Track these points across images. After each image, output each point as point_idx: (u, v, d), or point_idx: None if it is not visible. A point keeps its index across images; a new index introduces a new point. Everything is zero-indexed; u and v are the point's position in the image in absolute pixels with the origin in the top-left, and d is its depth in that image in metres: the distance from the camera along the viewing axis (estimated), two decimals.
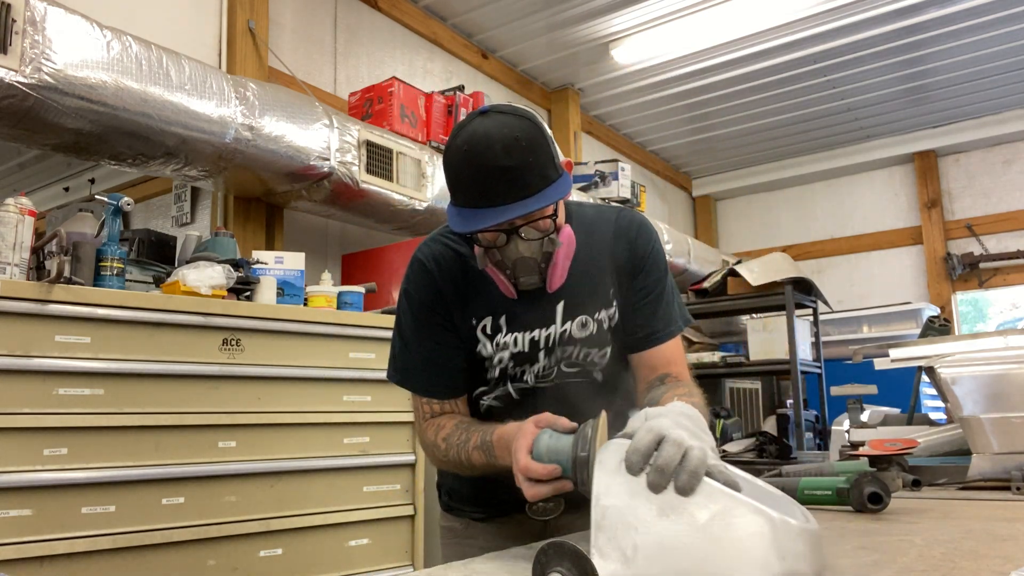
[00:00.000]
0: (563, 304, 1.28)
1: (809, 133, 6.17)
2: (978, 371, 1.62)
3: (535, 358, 1.29)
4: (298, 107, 2.90)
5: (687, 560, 0.73)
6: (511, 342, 1.28)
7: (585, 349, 1.30)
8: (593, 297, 1.30)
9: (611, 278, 1.32)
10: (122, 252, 2.23)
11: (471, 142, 1.10)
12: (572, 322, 1.28)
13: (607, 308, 1.31)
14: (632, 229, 1.34)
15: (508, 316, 1.28)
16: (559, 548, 0.67)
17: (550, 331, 1.28)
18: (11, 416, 1.86)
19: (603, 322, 1.30)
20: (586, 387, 1.32)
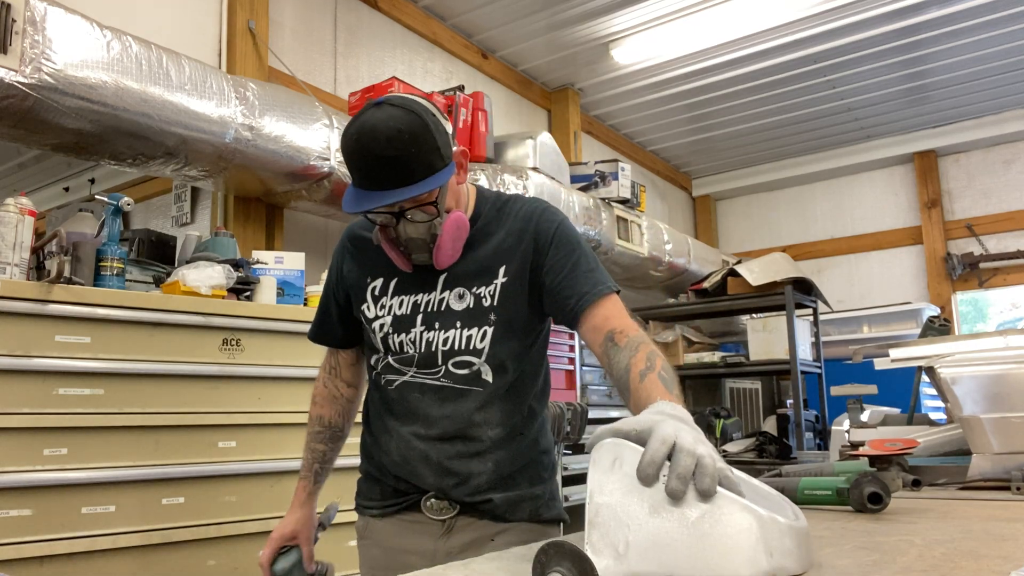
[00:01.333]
0: (445, 276, 1.38)
1: (809, 133, 6.17)
2: (978, 371, 1.62)
3: (413, 322, 1.38)
4: (298, 107, 2.90)
5: (678, 556, 0.75)
6: (395, 304, 1.41)
7: (465, 330, 1.36)
8: (476, 274, 1.38)
9: (510, 257, 1.38)
10: (122, 252, 2.23)
11: (360, 131, 1.22)
12: (450, 292, 1.38)
13: (487, 285, 1.37)
14: (535, 214, 1.41)
15: (397, 282, 1.41)
16: (559, 548, 0.68)
17: (430, 297, 1.38)
18: (11, 416, 1.86)
19: (482, 298, 1.37)
20: (475, 396, 1.37)
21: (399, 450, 1.40)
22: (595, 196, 4.58)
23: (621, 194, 4.68)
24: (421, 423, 1.38)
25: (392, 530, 1.43)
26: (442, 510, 1.38)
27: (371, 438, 1.48)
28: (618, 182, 4.67)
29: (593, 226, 4.38)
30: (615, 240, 4.63)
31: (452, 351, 1.37)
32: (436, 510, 1.38)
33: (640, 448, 0.83)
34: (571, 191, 4.29)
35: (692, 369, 5.14)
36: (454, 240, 1.31)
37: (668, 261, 5.19)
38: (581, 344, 3.98)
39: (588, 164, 4.76)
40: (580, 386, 3.91)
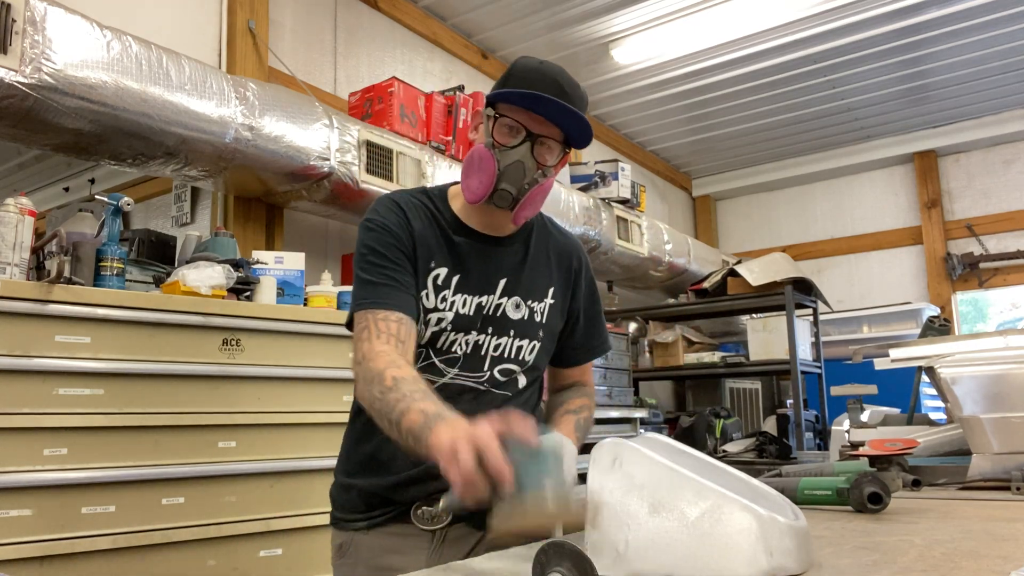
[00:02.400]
0: (505, 281, 1.36)
1: (809, 133, 6.17)
2: (978, 371, 1.62)
3: (475, 324, 1.33)
4: (298, 107, 2.90)
5: (677, 556, 0.75)
6: (459, 303, 1.32)
7: (517, 340, 1.37)
8: (531, 286, 1.39)
9: (556, 281, 1.44)
10: (122, 252, 2.23)
11: (546, 64, 1.29)
12: (508, 299, 1.36)
13: (539, 301, 1.40)
14: (577, 248, 1.50)
15: (461, 276, 1.34)
16: (559, 548, 0.68)
17: (489, 300, 1.35)
18: (11, 416, 1.86)
19: (535, 312, 1.39)
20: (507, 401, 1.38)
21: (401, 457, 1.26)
22: (595, 196, 4.58)
23: (621, 194, 4.68)
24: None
25: (379, 545, 1.32)
26: (434, 519, 1.31)
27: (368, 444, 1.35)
28: (618, 182, 4.67)
29: (593, 226, 4.38)
30: (615, 240, 4.63)
31: (501, 358, 1.36)
32: (427, 519, 1.31)
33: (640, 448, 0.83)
34: (571, 191, 4.29)
35: (692, 369, 5.14)
36: (538, 201, 1.33)
37: (668, 261, 5.19)
38: None
39: (588, 164, 4.76)
40: None
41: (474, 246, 1.36)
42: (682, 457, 0.91)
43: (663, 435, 0.98)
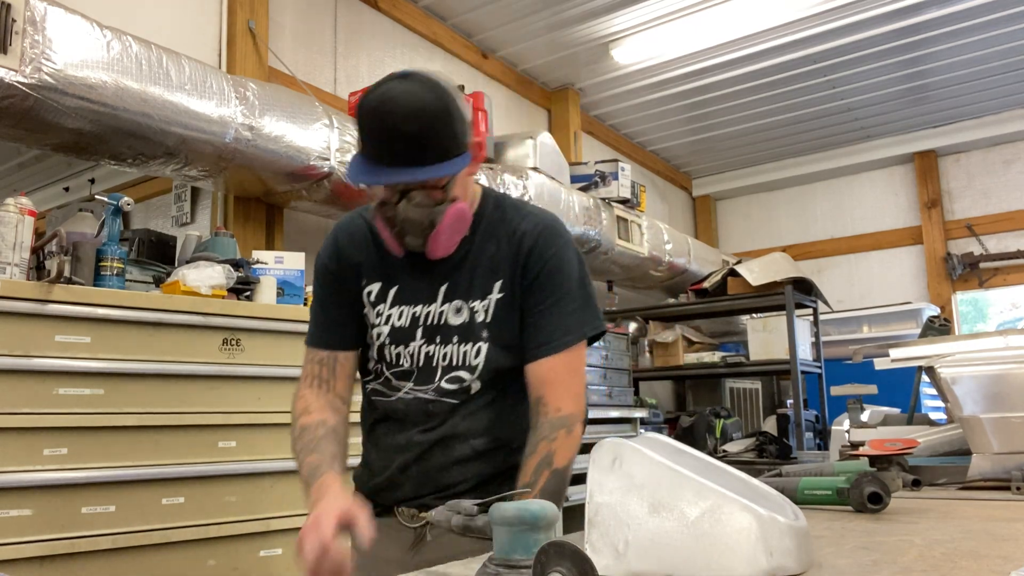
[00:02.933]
0: (446, 286, 1.34)
1: (809, 133, 6.17)
2: (978, 371, 1.62)
3: (412, 335, 1.34)
4: (298, 107, 2.90)
5: (677, 555, 0.75)
6: (394, 315, 1.35)
7: (462, 345, 1.33)
8: (472, 286, 1.34)
9: (505, 272, 1.33)
10: (122, 252, 2.23)
11: (381, 101, 1.17)
12: (449, 305, 1.33)
13: (482, 299, 1.33)
14: (536, 232, 1.35)
15: (398, 289, 1.35)
16: (559, 548, 0.68)
17: (430, 309, 1.33)
18: (11, 416, 1.86)
19: (476, 312, 1.33)
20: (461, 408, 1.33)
21: (379, 460, 1.38)
22: (595, 196, 4.58)
23: (621, 194, 4.68)
24: (405, 435, 1.35)
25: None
26: (413, 517, 1.36)
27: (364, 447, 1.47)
28: (618, 182, 4.67)
29: (593, 226, 4.38)
30: (615, 240, 4.63)
31: (450, 366, 1.34)
32: (408, 517, 1.37)
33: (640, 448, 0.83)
34: (571, 191, 4.29)
35: (692, 369, 5.14)
36: (452, 232, 1.26)
37: (668, 261, 5.19)
38: None
39: (588, 164, 4.76)
40: None
41: (409, 258, 1.32)
42: (682, 457, 0.91)
43: (663, 435, 0.98)
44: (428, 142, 1.17)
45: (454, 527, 0.92)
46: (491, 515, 0.77)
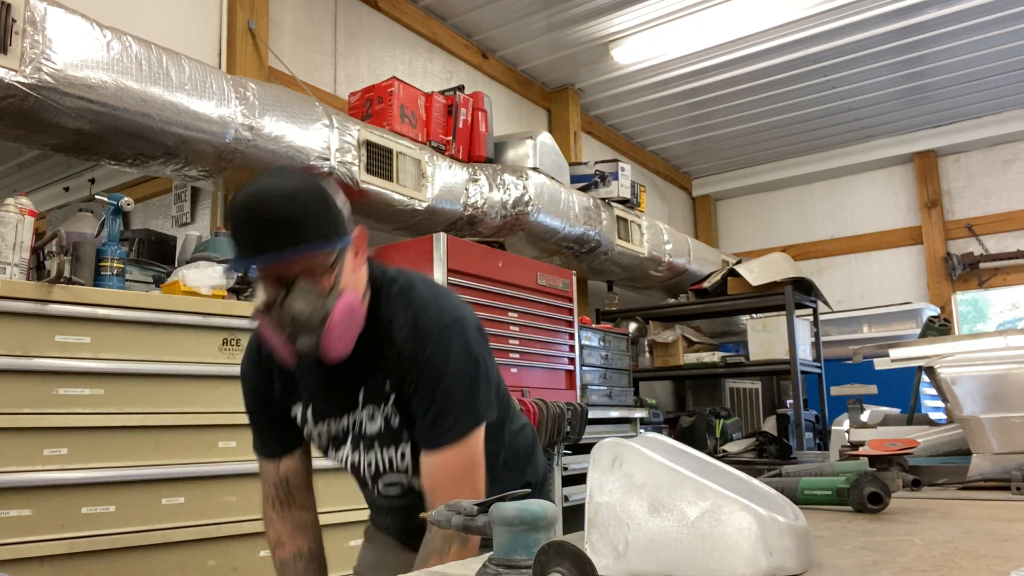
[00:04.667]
0: (362, 392, 1.28)
1: (809, 133, 6.17)
2: (978, 371, 1.62)
3: (342, 443, 1.35)
4: (298, 107, 2.90)
5: (677, 555, 0.75)
6: (316, 432, 1.37)
7: (384, 450, 1.30)
8: (376, 390, 1.27)
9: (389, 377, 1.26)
10: (122, 252, 2.24)
11: (252, 194, 1.14)
12: (364, 410, 1.29)
13: (384, 403, 1.27)
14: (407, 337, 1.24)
15: (314, 407, 1.34)
16: (559, 548, 0.68)
17: (352, 419, 1.31)
18: (11, 416, 1.86)
19: (390, 418, 1.27)
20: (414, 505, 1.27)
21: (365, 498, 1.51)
22: (595, 196, 4.58)
23: (621, 194, 4.68)
24: (374, 510, 1.51)
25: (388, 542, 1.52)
26: None
27: None
28: (618, 182, 4.67)
29: (593, 226, 4.38)
30: (615, 240, 4.63)
31: (379, 473, 1.33)
32: None
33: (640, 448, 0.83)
34: (571, 191, 4.30)
35: (692, 369, 5.14)
36: (346, 327, 1.17)
37: (668, 261, 5.19)
38: (582, 344, 3.98)
39: (588, 164, 4.76)
40: (580, 386, 3.91)
41: (318, 368, 1.27)
42: (682, 457, 0.91)
43: (663, 435, 0.98)
44: (305, 224, 1.12)
45: (454, 527, 0.91)
46: (491, 515, 0.77)
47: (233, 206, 1.14)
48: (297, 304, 1.14)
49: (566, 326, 3.85)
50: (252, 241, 1.12)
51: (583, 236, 4.31)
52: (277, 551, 1.41)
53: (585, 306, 5.32)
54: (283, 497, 1.40)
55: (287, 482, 1.40)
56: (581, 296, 5.26)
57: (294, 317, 1.15)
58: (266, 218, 1.11)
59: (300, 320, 1.15)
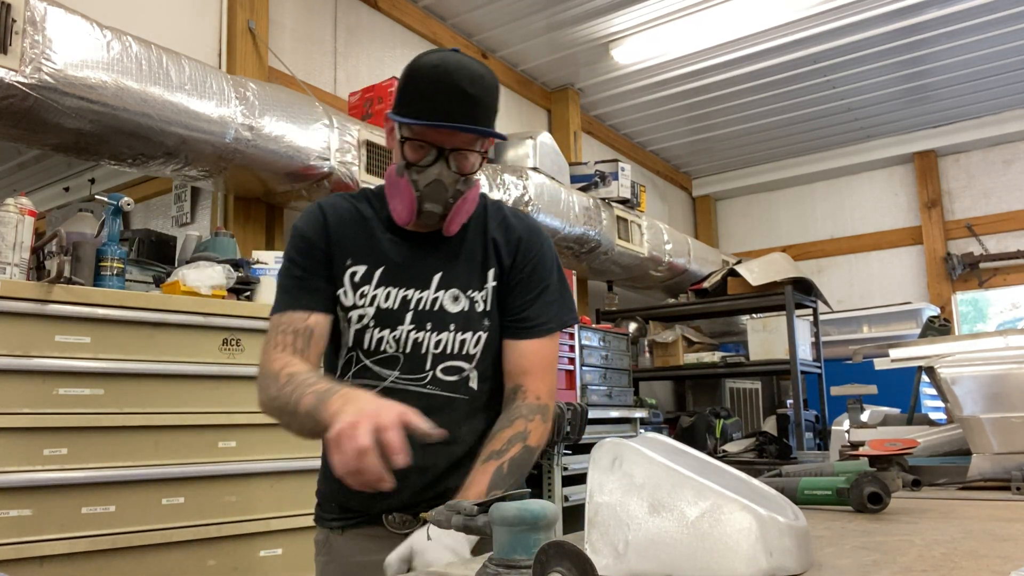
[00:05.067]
0: (440, 275, 1.31)
1: (809, 133, 6.17)
2: (978, 371, 1.62)
3: (401, 319, 1.29)
4: (298, 107, 2.90)
5: (677, 556, 0.75)
6: (380, 296, 1.29)
7: (459, 333, 1.30)
8: (469, 275, 1.33)
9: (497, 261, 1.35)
10: (122, 252, 2.23)
11: (443, 63, 1.18)
12: (445, 292, 1.31)
13: (479, 289, 1.33)
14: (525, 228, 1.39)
15: (385, 270, 1.30)
16: (559, 548, 0.68)
17: (423, 295, 1.30)
18: (11, 416, 1.86)
19: (476, 302, 1.32)
20: (462, 405, 1.30)
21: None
22: (595, 196, 4.58)
23: (621, 194, 4.68)
24: None
25: (353, 546, 1.33)
26: (405, 523, 1.30)
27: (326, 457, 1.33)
28: (618, 182, 4.67)
29: (593, 226, 4.38)
30: (615, 240, 4.63)
31: (444, 355, 1.30)
32: (399, 524, 1.31)
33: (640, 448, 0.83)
34: (571, 191, 4.29)
35: (692, 369, 5.14)
36: (469, 209, 1.28)
37: (668, 261, 5.19)
38: (582, 344, 3.98)
39: (588, 164, 4.76)
40: (580, 386, 3.91)
41: (404, 243, 1.31)
42: (682, 457, 0.91)
43: (663, 435, 0.98)
44: (484, 107, 1.20)
45: (454, 527, 0.91)
46: (491, 515, 0.77)
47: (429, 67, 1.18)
48: (446, 174, 1.22)
49: None
50: (446, 105, 1.17)
51: (583, 236, 4.31)
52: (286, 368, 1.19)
53: (585, 306, 5.32)
54: (301, 346, 1.26)
55: (311, 333, 1.27)
56: (581, 296, 5.26)
57: (437, 183, 1.22)
58: (465, 90, 1.17)
59: (440, 188, 1.23)
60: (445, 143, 1.21)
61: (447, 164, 1.22)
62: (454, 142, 1.22)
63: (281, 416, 1.19)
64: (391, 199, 1.28)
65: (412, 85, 1.20)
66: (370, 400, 1.01)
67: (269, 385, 1.20)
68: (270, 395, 1.19)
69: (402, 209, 1.25)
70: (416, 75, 1.20)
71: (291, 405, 1.12)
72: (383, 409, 0.98)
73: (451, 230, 1.28)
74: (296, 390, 1.12)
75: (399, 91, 1.22)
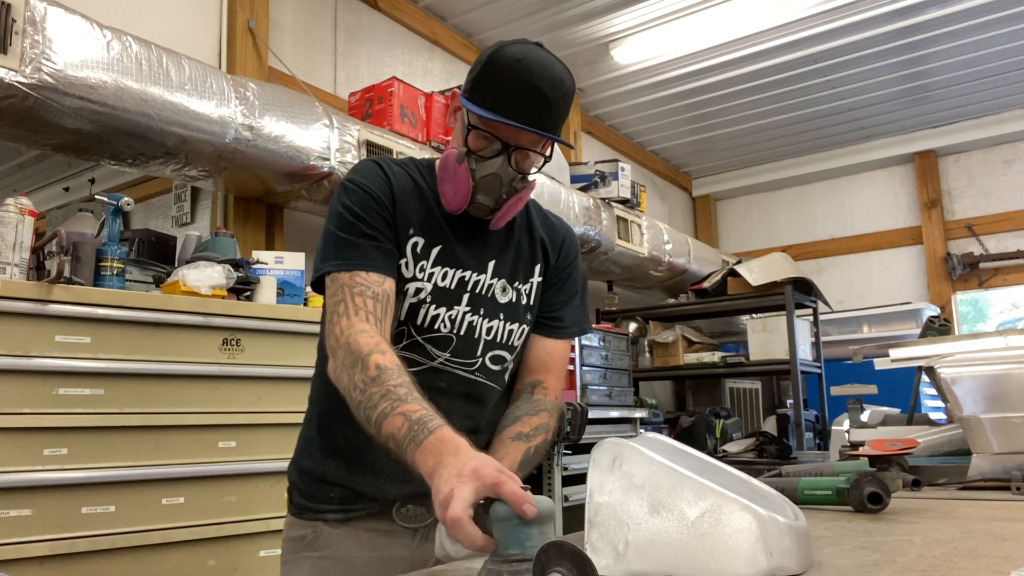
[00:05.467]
0: (494, 262, 1.29)
1: (809, 133, 6.17)
2: (978, 371, 1.62)
3: (458, 299, 1.24)
4: (298, 107, 2.90)
5: (677, 555, 0.75)
6: (438, 274, 1.23)
7: (508, 323, 1.29)
8: (517, 267, 1.32)
9: (542, 258, 1.37)
10: (122, 252, 2.23)
11: (526, 59, 1.15)
12: (497, 281, 1.29)
13: (525, 282, 1.33)
14: (568, 233, 1.45)
15: (443, 248, 1.25)
16: (559, 548, 0.68)
17: (480, 279, 1.27)
18: (11, 416, 1.86)
19: (522, 295, 1.32)
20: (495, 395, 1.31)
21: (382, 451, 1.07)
22: (595, 196, 4.58)
23: (621, 194, 4.68)
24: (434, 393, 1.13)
25: (357, 539, 1.22)
26: (418, 516, 1.23)
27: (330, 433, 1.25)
28: (618, 182, 4.67)
29: (593, 226, 4.38)
30: (615, 240, 4.63)
31: (494, 343, 1.28)
32: (411, 517, 1.23)
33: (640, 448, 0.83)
34: (571, 191, 4.29)
35: (692, 369, 5.14)
36: (518, 207, 1.27)
37: (668, 261, 5.19)
38: (582, 344, 3.98)
39: (588, 164, 4.76)
40: (580, 386, 3.91)
41: (458, 222, 1.27)
42: (682, 457, 0.91)
43: (663, 435, 0.98)
44: (557, 112, 1.18)
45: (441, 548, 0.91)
46: (491, 512, 0.77)
47: (513, 60, 1.15)
48: (505, 172, 1.20)
49: None
50: (523, 105, 1.14)
51: (583, 236, 4.31)
52: (374, 355, 1.03)
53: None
54: (380, 314, 1.12)
55: (388, 301, 1.15)
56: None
57: (494, 177, 1.20)
58: (544, 93, 1.14)
59: (496, 182, 1.20)
60: (511, 140, 1.19)
61: (509, 160, 1.20)
62: (520, 140, 1.19)
63: (354, 407, 1.04)
64: (442, 182, 1.24)
65: (490, 74, 1.16)
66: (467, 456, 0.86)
67: (355, 367, 1.04)
68: (353, 381, 1.04)
69: (453, 195, 1.21)
70: (496, 65, 1.16)
71: (375, 414, 0.99)
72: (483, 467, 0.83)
73: (498, 225, 1.26)
74: (384, 399, 0.98)
75: (476, 76, 1.18)
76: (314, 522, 1.25)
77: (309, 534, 1.24)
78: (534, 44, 1.19)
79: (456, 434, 0.92)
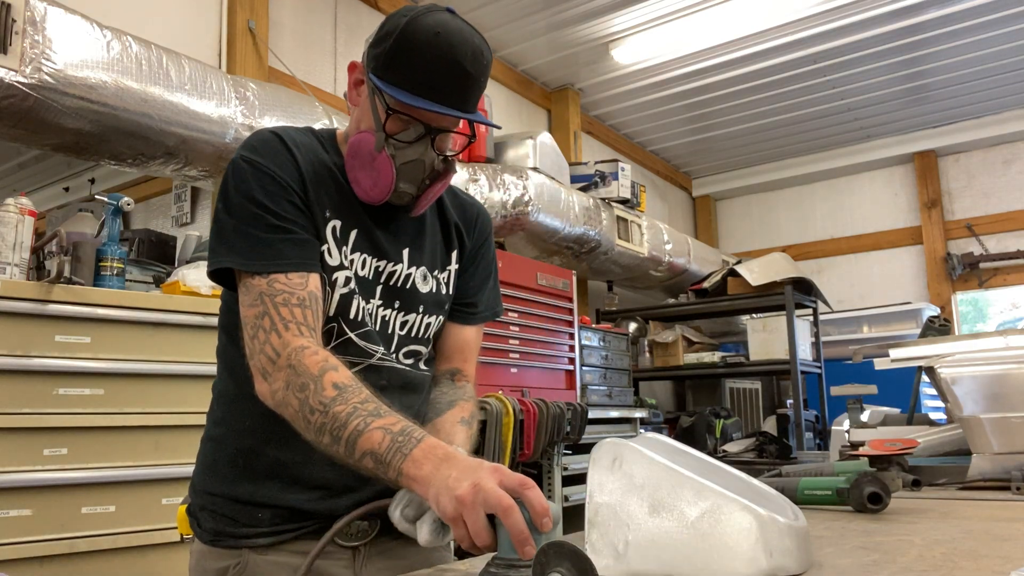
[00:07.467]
0: (408, 250, 1.18)
1: (809, 133, 6.17)
2: (978, 371, 1.62)
3: (373, 291, 1.13)
4: (298, 107, 2.90)
5: (677, 556, 0.75)
6: (358, 262, 1.12)
7: (426, 316, 1.19)
8: (434, 254, 1.23)
9: (457, 243, 1.28)
10: (122, 252, 2.24)
11: (445, 31, 1.02)
12: (416, 270, 1.18)
13: (443, 270, 1.24)
14: (481, 211, 1.34)
15: (359, 233, 1.13)
16: (559, 548, 0.68)
17: (395, 269, 1.16)
18: (11, 416, 1.86)
19: (441, 284, 1.23)
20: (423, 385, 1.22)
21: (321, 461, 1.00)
22: (595, 196, 4.58)
23: (621, 194, 4.68)
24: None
25: (290, 565, 1.07)
26: (359, 534, 1.11)
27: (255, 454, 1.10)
28: (618, 182, 4.67)
29: (593, 226, 4.38)
30: (615, 240, 4.63)
31: (408, 337, 1.17)
32: (353, 534, 1.10)
33: (640, 448, 0.83)
34: (571, 191, 4.29)
35: (692, 369, 5.14)
36: (441, 191, 1.16)
37: (668, 261, 5.19)
38: (582, 344, 3.98)
39: (588, 164, 4.76)
40: (580, 386, 3.91)
41: (371, 207, 1.14)
42: (682, 457, 0.91)
43: (663, 435, 0.98)
44: (479, 87, 1.07)
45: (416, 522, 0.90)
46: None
47: (430, 34, 1.02)
48: (430, 156, 1.09)
49: (566, 326, 3.85)
50: (445, 84, 1.03)
51: (583, 236, 4.31)
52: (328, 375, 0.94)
53: (585, 306, 5.32)
54: (312, 323, 1.01)
55: (316, 303, 1.03)
56: (581, 296, 5.26)
57: (418, 164, 1.08)
58: (466, 69, 1.03)
59: (419, 170, 1.09)
60: (434, 122, 1.07)
61: (432, 144, 1.09)
62: (444, 123, 1.09)
63: (317, 431, 0.93)
64: (355, 169, 1.09)
65: (408, 51, 1.02)
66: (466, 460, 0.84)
67: (305, 390, 0.94)
68: (308, 405, 0.93)
69: (372, 186, 1.07)
70: (413, 40, 1.02)
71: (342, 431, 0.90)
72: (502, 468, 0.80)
73: (418, 211, 1.15)
74: (354, 416, 0.90)
75: (389, 52, 1.03)
76: (237, 550, 1.08)
77: (232, 565, 1.08)
78: (445, 11, 1.06)
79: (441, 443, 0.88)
